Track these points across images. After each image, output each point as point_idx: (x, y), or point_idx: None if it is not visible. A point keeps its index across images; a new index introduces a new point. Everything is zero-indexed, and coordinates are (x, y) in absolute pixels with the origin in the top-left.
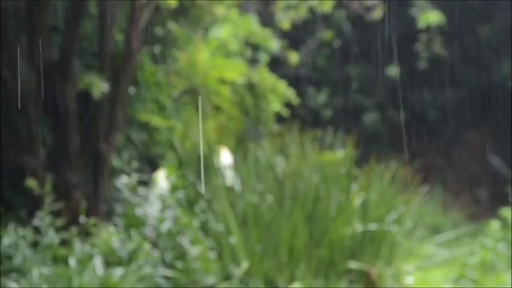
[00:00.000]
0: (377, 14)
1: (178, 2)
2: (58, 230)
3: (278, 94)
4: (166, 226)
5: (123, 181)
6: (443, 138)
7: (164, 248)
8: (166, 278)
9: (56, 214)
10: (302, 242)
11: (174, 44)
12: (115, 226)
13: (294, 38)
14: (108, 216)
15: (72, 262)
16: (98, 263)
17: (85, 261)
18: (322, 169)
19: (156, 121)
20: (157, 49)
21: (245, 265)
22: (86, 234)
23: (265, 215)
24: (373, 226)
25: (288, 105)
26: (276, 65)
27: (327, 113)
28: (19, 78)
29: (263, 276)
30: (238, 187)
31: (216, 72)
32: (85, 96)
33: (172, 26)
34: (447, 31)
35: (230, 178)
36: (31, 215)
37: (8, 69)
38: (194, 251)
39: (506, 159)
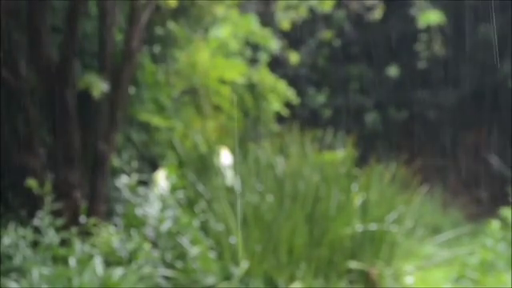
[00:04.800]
0: (377, 13)
1: (178, 1)
2: (57, 229)
3: (278, 93)
4: (166, 226)
5: (123, 181)
6: (443, 138)
7: (164, 248)
8: (166, 278)
9: (56, 213)
10: (301, 241)
11: (174, 44)
12: (115, 226)
13: (294, 38)
14: (108, 216)
15: (72, 262)
16: (98, 263)
17: (85, 261)
18: (321, 169)
19: (156, 121)
20: (157, 49)
21: (245, 265)
22: (86, 234)
23: (265, 215)
24: (373, 226)
25: (288, 105)
26: (276, 65)
27: (327, 113)
28: (19, 77)
29: (263, 276)
30: (237, 187)
31: (216, 72)
32: (85, 96)
33: (172, 25)
34: (447, 31)
35: (229, 178)
36: (31, 215)
37: (8, 69)
38: (193, 251)
39: (506, 159)
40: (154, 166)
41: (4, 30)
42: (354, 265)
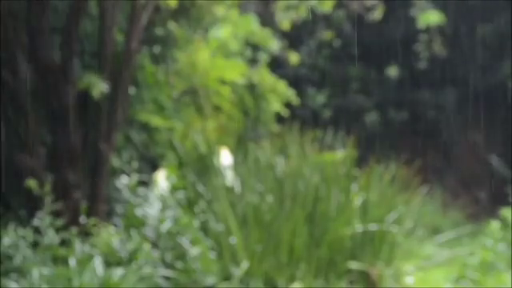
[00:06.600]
0: (377, 14)
1: (178, 2)
2: (57, 230)
3: (278, 94)
4: (166, 226)
5: (123, 181)
6: (443, 137)
7: (164, 248)
8: (166, 278)
9: (56, 214)
10: (301, 241)
11: (174, 44)
12: (115, 226)
13: (294, 37)
14: (108, 216)
15: (72, 262)
16: (98, 263)
17: (85, 261)
18: (322, 169)
19: (156, 121)
20: (157, 49)
21: (245, 265)
22: (86, 234)
23: (265, 215)
24: (373, 226)
25: (288, 105)
26: (276, 65)
27: (327, 113)
28: (19, 77)
29: (263, 276)
30: (237, 187)
31: (216, 72)
32: (85, 96)
33: (172, 25)
34: (447, 31)
35: (229, 178)
36: (31, 215)
37: (8, 69)
38: (193, 251)
39: (506, 159)
40: (154, 166)
41: (4, 30)
42: (354, 265)
